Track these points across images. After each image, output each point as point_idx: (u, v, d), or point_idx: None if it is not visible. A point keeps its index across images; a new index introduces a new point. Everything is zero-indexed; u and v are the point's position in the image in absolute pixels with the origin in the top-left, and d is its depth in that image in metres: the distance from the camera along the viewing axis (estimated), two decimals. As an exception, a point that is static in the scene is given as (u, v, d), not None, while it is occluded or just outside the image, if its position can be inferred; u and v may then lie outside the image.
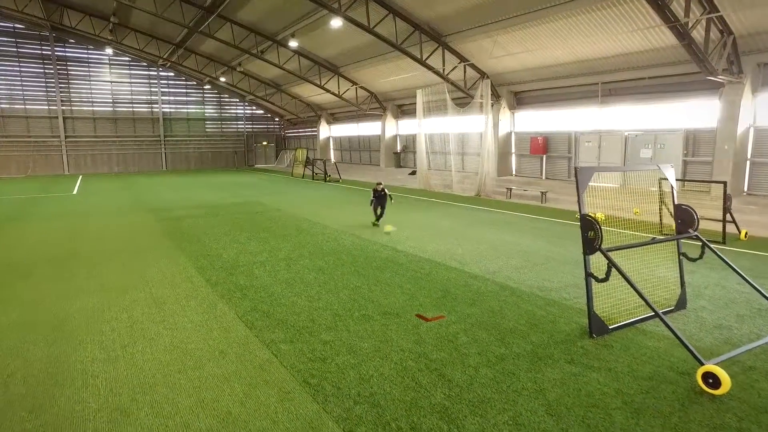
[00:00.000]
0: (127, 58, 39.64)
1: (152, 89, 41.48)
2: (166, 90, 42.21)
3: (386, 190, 13.22)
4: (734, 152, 14.11)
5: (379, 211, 13.20)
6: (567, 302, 6.86)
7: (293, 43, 24.51)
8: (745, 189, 14.71)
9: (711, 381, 4.26)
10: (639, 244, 5.89)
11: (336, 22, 20.07)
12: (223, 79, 38.27)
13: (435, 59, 20.73)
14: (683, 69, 15.09)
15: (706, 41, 12.55)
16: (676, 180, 12.20)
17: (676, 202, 6.32)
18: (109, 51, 37.44)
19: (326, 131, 40.74)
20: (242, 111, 46.42)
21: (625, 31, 14.59)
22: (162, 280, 8.25)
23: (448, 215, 15.33)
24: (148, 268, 9.07)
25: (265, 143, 48.03)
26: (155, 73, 41.19)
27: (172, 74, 41.96)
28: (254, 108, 46.72)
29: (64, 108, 37.76)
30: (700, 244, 6.01)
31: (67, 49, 37.35)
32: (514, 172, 23.11)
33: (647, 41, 14.85)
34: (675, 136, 16.39)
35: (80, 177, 34.27)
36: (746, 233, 11.25)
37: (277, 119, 48.37)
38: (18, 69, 35.92)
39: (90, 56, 38.42)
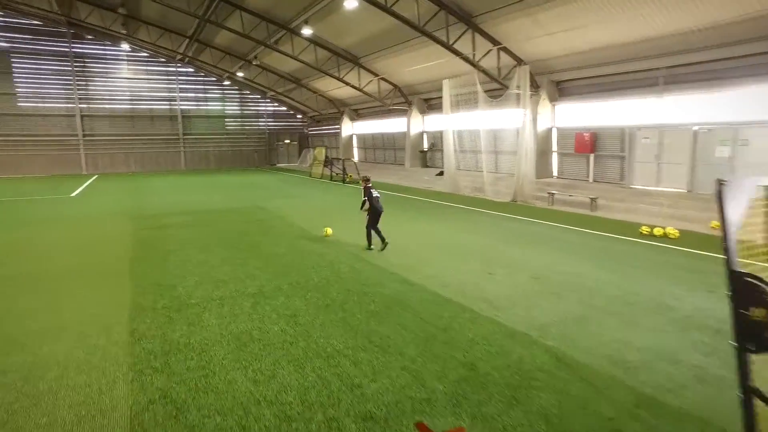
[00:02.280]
0: (145, 54, 38.31)
1: (171, 86, 40.02)
2: (185, 86, 40.66)
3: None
4: None
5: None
6: (669, 395, 4.15)
7: (307, 31, 22.17)
8: None
9: None
10: None
11: (350, 3, 17.60)
12: (240, 74, 36.41)
13: (464, 44, 17.95)
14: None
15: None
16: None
17: None
18: (126, 47, 36.23)
19: (349, 128, 38.29)
20: (264, 108, 44.57)
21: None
22: (73, 328, 5.93)
23: (478, 227, 12.59)
24: (72, 304, 6.80)
25: (287, 141, 46.07)
26: (173, 69, 39.71)
27: (191, 70, 40.44)
28: (277, 105, 44.80)
29: (81, 106, 36.74)
30: None
31: (84, 46, 36.25)
32: (555, 174, 20.06)
33: (729, 9, 11.73)
34: (764, 131, 13.14)
35: (94, 177, 32.99)
36: None
37: (299, 116, 46.34)
38: (36, 67, 35.02)
39: (107, 53, 37.18)
